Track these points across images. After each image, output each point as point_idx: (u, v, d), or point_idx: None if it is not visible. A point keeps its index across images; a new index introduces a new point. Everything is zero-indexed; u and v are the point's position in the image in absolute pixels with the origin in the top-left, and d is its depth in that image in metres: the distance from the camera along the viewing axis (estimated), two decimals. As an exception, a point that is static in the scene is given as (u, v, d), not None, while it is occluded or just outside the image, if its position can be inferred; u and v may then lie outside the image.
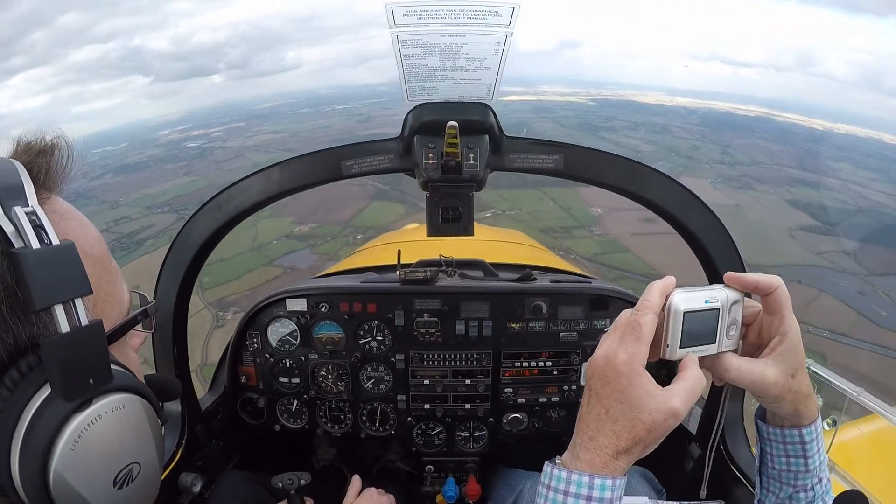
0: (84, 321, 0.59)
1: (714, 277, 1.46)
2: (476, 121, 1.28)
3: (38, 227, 0.57)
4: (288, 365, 1.87)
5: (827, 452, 1.44)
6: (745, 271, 0.99)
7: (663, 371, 1.53)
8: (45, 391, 0.58)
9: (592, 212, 34.27)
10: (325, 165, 1.40)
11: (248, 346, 1.86)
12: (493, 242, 3.43)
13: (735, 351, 0.83)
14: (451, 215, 1.43)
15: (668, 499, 1.47)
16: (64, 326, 0.57)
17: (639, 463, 1.56)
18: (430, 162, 1.32)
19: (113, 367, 0.64)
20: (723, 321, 0.79)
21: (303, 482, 1.40)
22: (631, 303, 1.76)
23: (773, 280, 0.79)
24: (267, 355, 1.86)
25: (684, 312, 0.76)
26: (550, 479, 0.75)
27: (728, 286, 0.82)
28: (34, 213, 0.58)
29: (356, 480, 1.58)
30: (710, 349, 0.80)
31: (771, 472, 0.89)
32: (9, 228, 0.56)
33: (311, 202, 33.69)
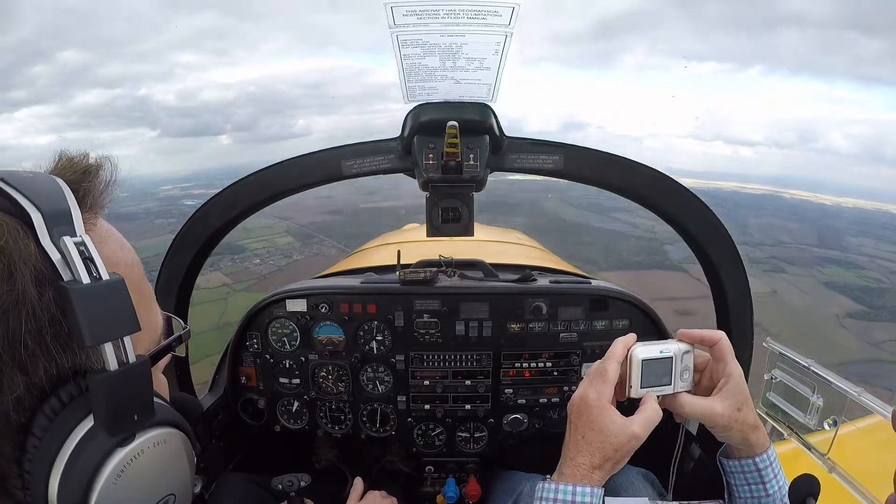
0: (132, 358, 0.58)
1: (713, 274, 1.47)
2: (476, 121, 1.28)
3: (87, 260, 0.56)
4: (288, 366, 1.87)
5: (828, 452, 1.44)
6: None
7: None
8: (88, 423, 0.57)
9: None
10: (325, 165, 1.40)
11: (249, 346, 1.86)
12: (492, 243, 3.43)
13: (689, 392, 1.00)
14: (451, 215, 1.43)
15: (668, 499, 1.47)
16: (112, 363, 0.56)
17: (641, 463, 1.56)
18: (430, 162, 1.32)
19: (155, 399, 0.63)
20: (676, 367, 0.98)
21: (303, 483, 1.39)
22: (630, 303, 1.82)
23: (715, 334, 0.99)
24: (267, 356, 1.86)
25: (642, 360, 0.97)
26: (542, 492, 0.93)
27: (680, 340, 1.01)
28: (83, 243, 0.56)
29: (358, 483, 1.57)
30: (667, 389, 0.98)
31: (738, 502, 1.03)
32: (55, 256, 0.54)
33: (297, 273, 30.87)
